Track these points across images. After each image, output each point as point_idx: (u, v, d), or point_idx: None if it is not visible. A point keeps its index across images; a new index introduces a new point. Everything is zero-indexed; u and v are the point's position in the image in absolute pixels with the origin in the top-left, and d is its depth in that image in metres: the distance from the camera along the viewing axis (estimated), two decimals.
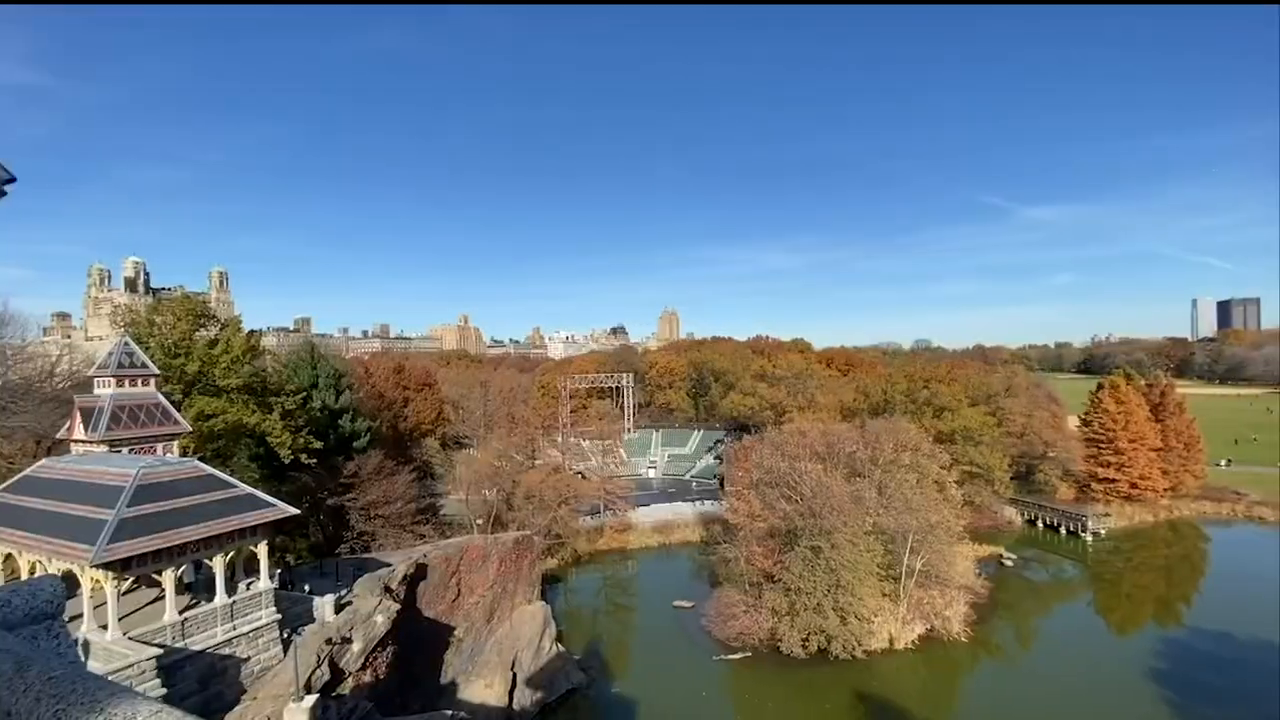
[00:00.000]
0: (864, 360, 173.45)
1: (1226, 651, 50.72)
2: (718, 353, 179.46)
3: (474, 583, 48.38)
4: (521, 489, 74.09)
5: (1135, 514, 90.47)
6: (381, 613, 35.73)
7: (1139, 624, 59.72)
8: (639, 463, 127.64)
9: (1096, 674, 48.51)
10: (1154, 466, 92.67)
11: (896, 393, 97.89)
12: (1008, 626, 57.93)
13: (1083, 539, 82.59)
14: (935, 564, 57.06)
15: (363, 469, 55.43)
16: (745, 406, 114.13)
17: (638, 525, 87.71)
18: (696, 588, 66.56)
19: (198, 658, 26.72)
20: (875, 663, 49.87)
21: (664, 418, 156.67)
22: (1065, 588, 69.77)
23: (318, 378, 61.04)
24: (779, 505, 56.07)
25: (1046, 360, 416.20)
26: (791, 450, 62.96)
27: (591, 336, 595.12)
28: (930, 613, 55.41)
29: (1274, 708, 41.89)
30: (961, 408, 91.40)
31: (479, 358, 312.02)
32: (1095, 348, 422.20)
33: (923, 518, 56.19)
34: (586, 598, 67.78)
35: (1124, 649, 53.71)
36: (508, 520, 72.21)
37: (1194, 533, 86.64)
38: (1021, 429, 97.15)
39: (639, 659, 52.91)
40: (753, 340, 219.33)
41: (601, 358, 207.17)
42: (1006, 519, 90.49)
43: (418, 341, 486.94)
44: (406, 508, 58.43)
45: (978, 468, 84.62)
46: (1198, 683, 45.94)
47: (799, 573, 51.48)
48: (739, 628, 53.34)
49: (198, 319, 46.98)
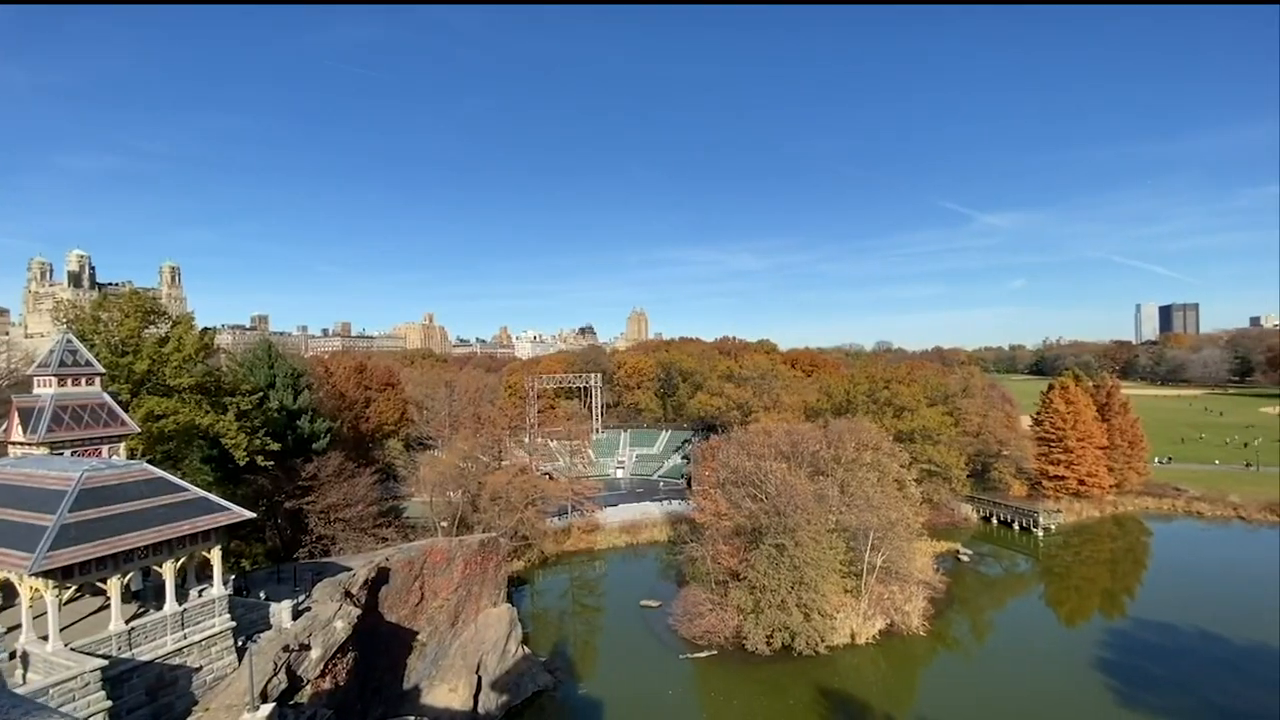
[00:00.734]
0: (827, 361, 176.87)
1: (1167, 641, 53.34)
2: (685, 353, 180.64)
3: (438, 586, 47.64)
4: (487, 490, 73.23)
5: (1083, 510, 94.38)
6: (341, 618, 34.90)
7: (1086, 615, 62.24)
8: (607, 463, 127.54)
9: (1047, 665, 50.43)
10: (1100, 464, 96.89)
11: (858, 393, 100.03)
12: (964, 620, 59.72)
13: (1034, 534, 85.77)
14: (895, 560, 58.57)
15: (322, 471, 54.01)
16: (712, 406, 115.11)
17: (605, 526, 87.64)
18: (664, 587, 66.86)
19: (146, 668, 25.67)
20: (837, 658, 50.89)
21: (632, 418, 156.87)
22: (1018, 581, 72.26)
23: (275, 377, 59.26)
24: (745, 504, 56.72)
25: (1001, 362, 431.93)
26: (757, 450, 63.77)
27: (560, 336, 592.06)
28: (890, 608, 56.81)
29: (1211, 694, 44.25)
30: (920, 408, 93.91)
31: (444, 357, 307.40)
32: (1046, 350, 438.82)
33: (883, 515, 57.58)
34: (553, 599, 67.43)
35: (1072, 640, 55.93)
36: (473, 522, 71.33)
37: (1137, 527, 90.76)
38: (977, 428, 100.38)
39: (606, 659, 52.87)
40: (720, 341, 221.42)
41: (570, 358, 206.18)
42: (963, 516, 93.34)
43: (380, 340, 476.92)
44: (368, 510, 57.13)
45: (936, 466, 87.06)
46: (1140, 671, 48.17)
47: (764, 570, 52.19)
48: (705, 626, 53.78)
49: (147, 315, 45.06)
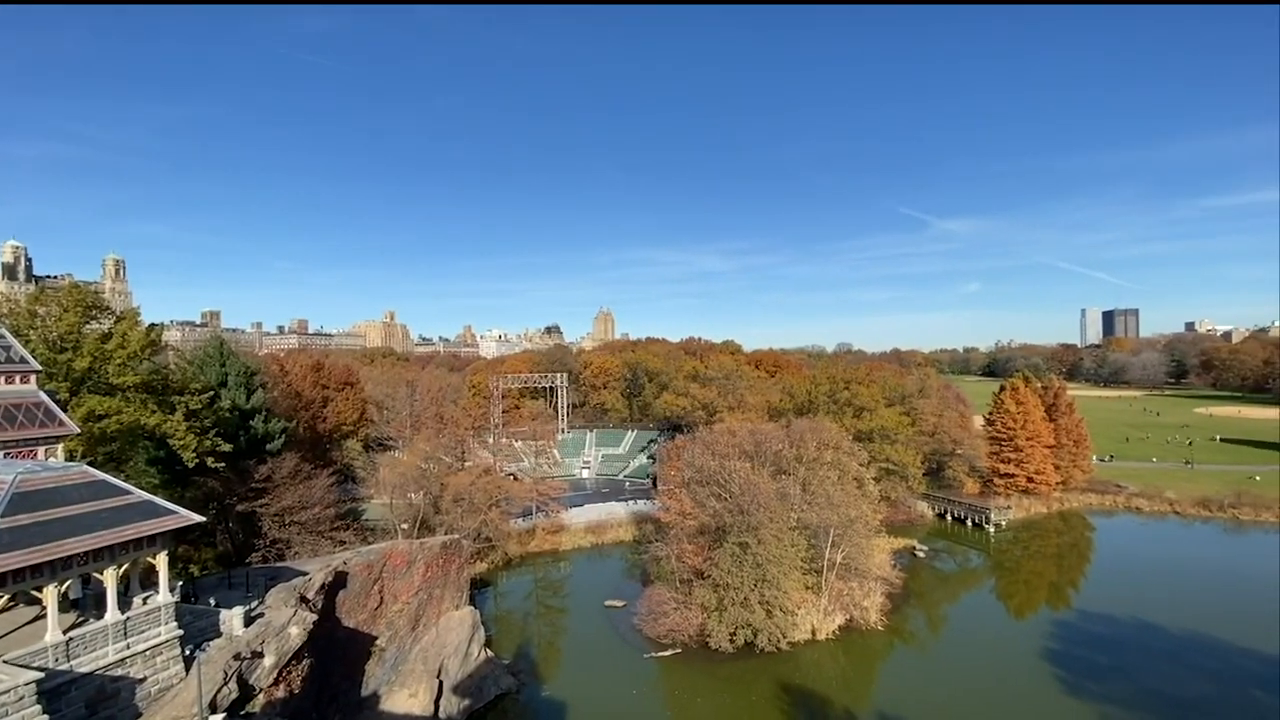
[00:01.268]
0: (790, 362, 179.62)
1: (1109, 631, 55.91)
2: (652, 353, 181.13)
3: (398, 589, 46.67)
4: (450, 491, 72.02)
5: (1031, 506, 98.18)
6: (296, 624, 33.88)
7: (1034, 608, 64.74)
8: (573, 463, 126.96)
9: (997, 656, 52.34)
10: (1048, 462, 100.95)
11: (820, 394, 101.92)
12: (920, 614, 61.44)
13: (986, 530, 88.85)
14: (854, 557, 59.91)
15: (277, 472, 52.39)
16: (678, 407, 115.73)
17: (570, 526, 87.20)
18: (628, 587, 66.93)
19: (85, 680, 24.45)
20: (798, 653, 51.78)
21: (598, 418, 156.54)
22: (971, 576, 74.70)
23: (227, 375, 57.20)
24: (709, 503, 57.22)
25: (955, 364, 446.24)
26: (722, 449, 64.39)
27: (525, 336, 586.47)
28: (850, 603, 58.10)
29: (1150, 682, 46.53)
30: (879, 408, 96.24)
31: (406, 356, 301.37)
32: (998, 352, 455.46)
33: (843, 513, 58.82)
34: (517, 601, 66.80)
35: (1021, 631, 58.12)
36: (435, 524, 70.08)
37: (1081, 522, 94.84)
38: (933, 428, 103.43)
39: (570, 660, 52.64)
40: (686, 341, 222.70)
41: (535, 357, 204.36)
42: (919, 513, 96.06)
43: (339, 338, 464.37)
44: (325, 513, 55.64)
45: (893, 465, 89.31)
46: (1084, 661, 50.38)
47: (727, 568, 52.74)
48: (669, 625, 54.03)
49: (88, 310, 42.94)
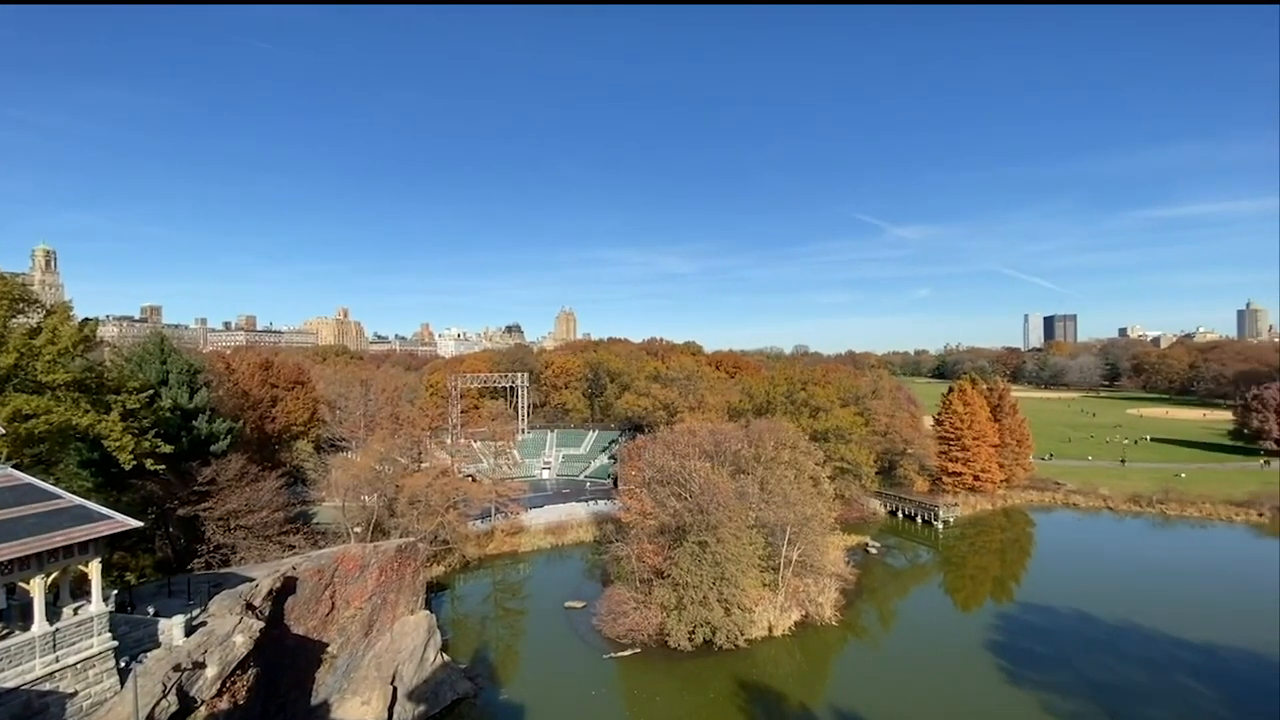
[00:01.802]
0: (750, 363, 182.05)
1: (1048, 622, 58.54)
2: (613, 354, 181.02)
3: (350, 595, 45.41)
4: (405, 493, 70.42)
5: (977, 503, 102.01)
6: (241, 632, 32.61)
7: (980, 601, 67.29)
8: (533, 464, 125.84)
9: (945, 648, 54.16)
10: (993, 461, 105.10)
11: (778, 394, 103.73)
12: (872, 609, 63.13)
13: (935, 527, 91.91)
14: (810, 554, 61.20)
15: (222, 475, 50.29)
16: (639, 407, 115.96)
17: (530, 527, 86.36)
18: (588, 587, 66.73)
19: (9, 696, 22.97)
20: (755, 650, 52.56)
21: (559, 418, 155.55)
22: (920, 571, 77.14)
23: (168, 373, 54.61)
24: (669, 503, 57.55)
25: (907, 366, 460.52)
26: (682, 449, 64.86)
27: (485, 334, 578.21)
28: (805, 600, 59.29)
29: (1086, 670, 48.82)
30: (834, 408, 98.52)
31: (360, 354, 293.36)
32: (947, 355, 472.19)
33: (799, 511, 60.01)
34: (475, 604, 65.77)
35: (967, 624, 60.32)
36: (389, 527, 68.45)
37: (1023, 519, 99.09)
38: (885, 428, 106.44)
39: (529, 663, 52.15)
40: (647, 342, 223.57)
41: (495, 356, 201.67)
42: (872, 510, 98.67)
43: (290, 335, 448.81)
44: (273, 516, 53.69)
45: (848, 464, 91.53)
46: (1025, 651, 52.62)
47: (687, 567, 53.14)
48: (629, 625, 54.08)
49: (14, 303, 40.28)
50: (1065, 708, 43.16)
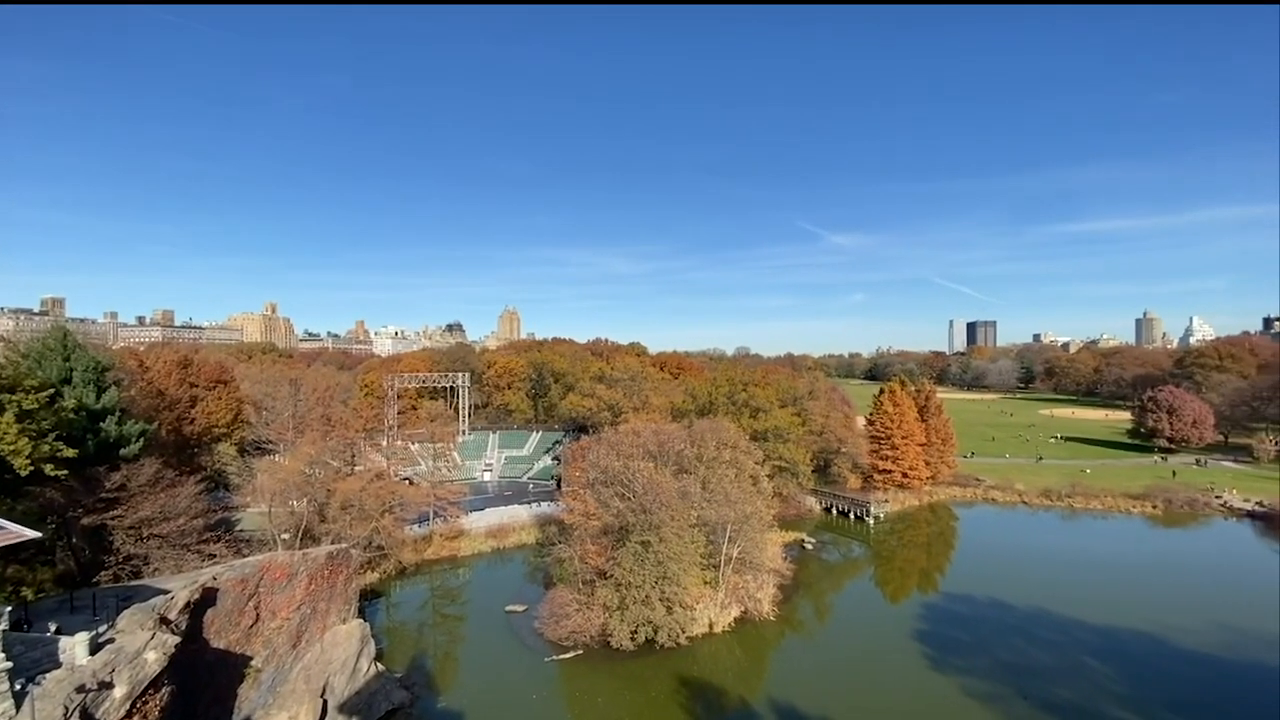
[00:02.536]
0: (693, 364, 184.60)
1: (968, 610, 62.04)
2: (558, 354, 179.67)
3: (277, 605, 43.34)
4: (337, 498, 67.64)
5: (905, 499, 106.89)
6: (154, 648, 30.58)
7: (908, 592, 70.59)
8: (474, 466, 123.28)
9: (875, 639, 56.56)
10: (920, 459, 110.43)
11: (720, 395, 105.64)
12: (808, 604, 65.18)
13: (867, 522, 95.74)
14: (750, 551, 62.62)
15: (133, 480, 46.99)
16: (584, 407, 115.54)
17: (470, 531, 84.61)
18: (531, 590, 66.01)
19: None
20: (696, 647, 53.38)
21: (502, 419, 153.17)
22: (853, 566, 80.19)
23: (71, 371, 50.52)
24: (613, 503, 57.65)
25: (841, 368, 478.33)
26: (626, 449, 65.10)
27: (424, 333, 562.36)
28: (745, 596, 60.62)
29: (1002, 654, 51.93)
30: (774, 409, 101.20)
31: (289, 352, 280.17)
32: (879, 358, 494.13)
33: (740, 509, 61.30)
34: (411, 611, 63.87)
35: (896, 615, 63.19)
36: (320, 533, 65.59)
37: (947, 513, 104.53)
38: (821, 428, 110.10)
39: (468, 669, 51.10)
40: (592, 343, 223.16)
41: (435, 355, 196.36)
42: (808, 508, 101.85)
43: (211, 332, 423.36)
44: (191, 524, 50.55)
45: (786, 462, 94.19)
46: (948, 638, 55.57)
47: (630, 567, 53.38)
48: (571, 626, 53.84)
49: None
50: (982, 690, 45.91)
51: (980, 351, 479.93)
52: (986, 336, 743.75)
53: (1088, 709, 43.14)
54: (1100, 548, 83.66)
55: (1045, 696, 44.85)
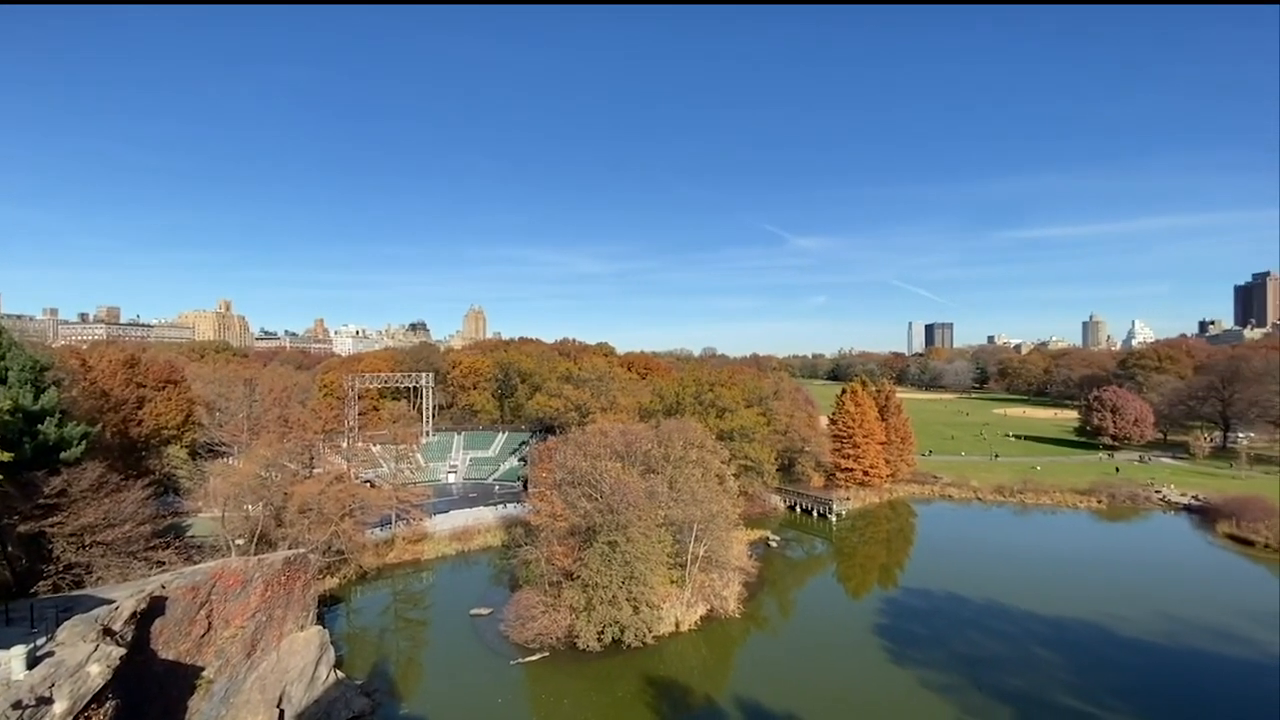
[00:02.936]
0: (660, 365, 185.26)
1: (925, 604, 63.85)
2: (525, 354, 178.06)
3: (230, 613, 41.89)
4: (295, 502, 65.76)
5: (866, 497, 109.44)
6: (98, 661, 29.20)
7: (868, 588, 72.23)
8: (438, 467, 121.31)
9: (837, 634, 57.71)
10: (880, 457, 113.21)
11: (686, 395, 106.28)
12: (773, 601, 66.13)
13: (829, 520, 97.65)
14: (716, 550, 63.17)
15: (75, 485, 44.82)
16: (551, 408, 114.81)
17: (434, 534, 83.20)
18: (496, 593, 65.30)
19: None
20: (663, 646, 53.61)
21: (467, 420, 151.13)
22: (816, 562, 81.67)
23: (7, 370, 47.86)
24: (580, 504, 57.46)
25: (805, 368, 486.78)
26: (593, 450, 64.95)
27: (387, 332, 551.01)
28: (711, 594, 61.14)
29: (958, 646, 53.55)
30: (739, 409, 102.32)
31: (244, 351, 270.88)
32: (841, 359, 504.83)
33: (706, 508, 61.80)
34: (373, 617, 62.49)
35: (857, 610, 64.60)
36: (276, 538, 63.66)
37: (906, 510, 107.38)
38: (785, 427, 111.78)
39: (431, 674, 50.27)
40: (560, 343, 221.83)
41: (398, 355, 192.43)
42: (773, 506, 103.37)
43: (161, 330, 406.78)
44: (138, 530, 48.50)
45: (751, 461, 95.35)
46: (907, 632, 57.09)
47: (597, 568, 53.29)
48: (538, 629, 53.47)
49: None
50: (939, 681, 47.30)
51: (938, 353, 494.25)
52: (944, 338, 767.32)
53: (1037, 697, 44.84)
54: (1049, 542, 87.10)
55: (998, 686, 46.46)
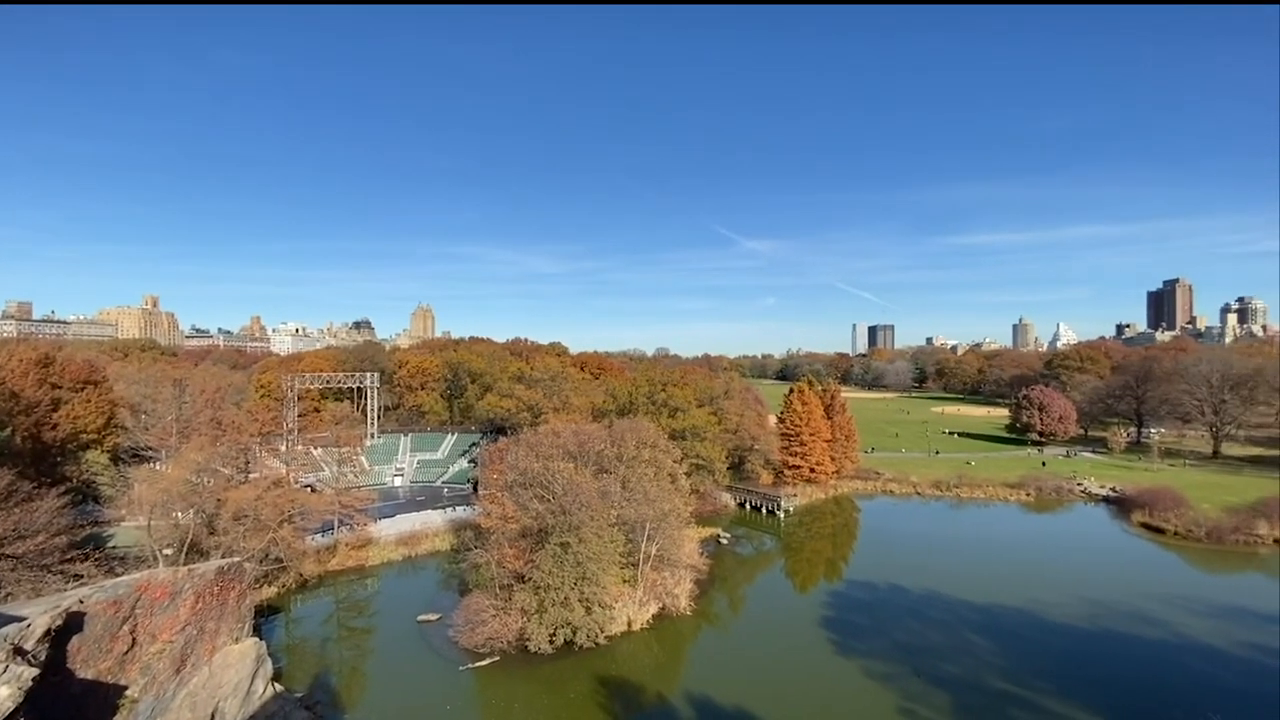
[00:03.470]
0: (614, 365, 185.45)
1: (868, 596, 66.12)
2: (475, 353, 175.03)
3: (157, 627, 39.60)
4: (229, 508, 62.64)
5: (813, 493, 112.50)
6: (7, 683, 27.19)
7: (815, 582, 74.22)
8: (383, 471, 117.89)
9: (785, 628, 59.10)
10: (826, 454, 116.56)
11: (640, 395, 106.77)
12: (723, 597, 67.12)
13: (778, 516, 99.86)
14: (668, 548, 63.70)
15: None
16: (502, 408, 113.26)
17: (380, 539, 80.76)
18: (444, 598, 63.94)
19: None
20: (615, 646, 53.67)
21: (415, 421, 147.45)
22: (765, 558, 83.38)
23: None
24: (532, 505, 56.94)
25: (755, 368, 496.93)
26: (546, 450, 64.49)
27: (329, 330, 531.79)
28: (663, 593, 61.60)
29: (898, 636, 55.66)
30: (691, 408, 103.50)
31: (173, 350, 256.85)
32: (789, 359, 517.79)
33: (658, 507, 62.24)
34: (314, 626, 60.17)
35: (804, 604, 66.29)
36: (209, 547, 60.57)
37: (850, 505, 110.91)
38: (736, 426, 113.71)
39: (376, 683, 48.82)
40: (512, 342, 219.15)
41: (341, 354, 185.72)
42: (724, 503, 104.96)
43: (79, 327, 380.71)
44: (53, 542, 45.43)
45: (703, 460, 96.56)
46: (851, 624, 58.98)
47: (549, 569, 52.90)
48: (488, 633, 52.67)
49: None
50: (881, 670, 49.12)
51: (880, 353, 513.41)
52: (886, 339, 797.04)
53: (971, 682, 47.14)
54: (983, 533, 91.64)
55: (936, 673, 48.60)
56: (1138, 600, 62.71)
